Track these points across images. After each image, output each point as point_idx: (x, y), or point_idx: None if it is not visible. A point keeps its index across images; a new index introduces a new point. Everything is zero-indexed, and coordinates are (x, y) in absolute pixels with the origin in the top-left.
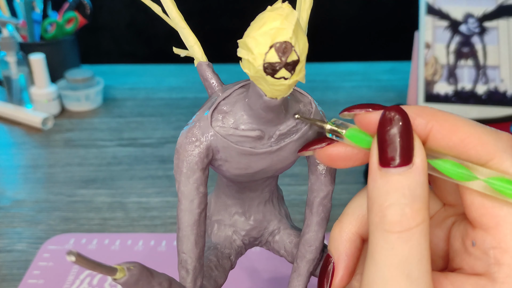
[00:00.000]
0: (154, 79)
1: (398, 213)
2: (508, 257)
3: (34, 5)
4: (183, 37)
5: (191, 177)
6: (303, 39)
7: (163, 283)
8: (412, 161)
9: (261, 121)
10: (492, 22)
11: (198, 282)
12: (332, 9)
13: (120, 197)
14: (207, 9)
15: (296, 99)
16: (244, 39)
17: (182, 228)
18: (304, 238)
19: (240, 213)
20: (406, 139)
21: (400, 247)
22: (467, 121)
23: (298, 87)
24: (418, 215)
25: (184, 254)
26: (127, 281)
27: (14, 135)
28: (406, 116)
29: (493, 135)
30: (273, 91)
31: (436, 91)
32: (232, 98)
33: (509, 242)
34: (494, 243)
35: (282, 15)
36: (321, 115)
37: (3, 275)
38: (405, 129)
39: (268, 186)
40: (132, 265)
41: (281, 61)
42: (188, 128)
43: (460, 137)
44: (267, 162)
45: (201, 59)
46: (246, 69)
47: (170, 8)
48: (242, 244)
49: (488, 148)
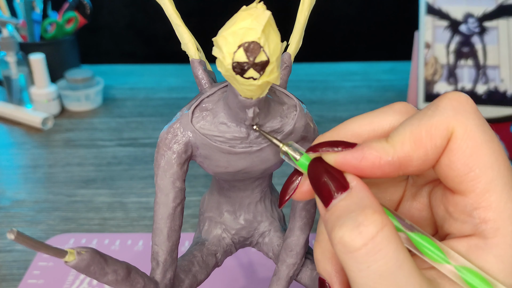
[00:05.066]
0: (154, 79)
1: (352, 226)
2: (492, 213)
3: (34, 5)
4: (178, 34)
5: (168, 171)
6: (274, 40)
7: (118, 271)
8: (349, 186)
9: (240, 120)
10: (492, 22)
11: (168, 275)
12: (332, 9)
13: (120, 197)
14: (207, 8)
15: (280, 101)
16: (216, 38)
17: (156, 220)
18: (286, 242)
19: (230, 212)
20: (332, 175)
21: (374, 261)
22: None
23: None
24: (374, 219)
25: (156, 246)
26: (77, 265)
27: (14, 135)
28: (320, 161)
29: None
30: (245, 91)
31: (436, 91)
32: (215, 96)
33: (488, 199)
34: (475, 204)
35: (253, 15)
36: (306, 119)
37: (3, 275)
38: (327, 168)
39: (258, 187)
40: (84, 249)
41: (249, 61)
42: (170, 124)
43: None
44: (247, 162)
45: (194, 57)
46: (218, 67)
47: (166, 5)
48: (232, 243)
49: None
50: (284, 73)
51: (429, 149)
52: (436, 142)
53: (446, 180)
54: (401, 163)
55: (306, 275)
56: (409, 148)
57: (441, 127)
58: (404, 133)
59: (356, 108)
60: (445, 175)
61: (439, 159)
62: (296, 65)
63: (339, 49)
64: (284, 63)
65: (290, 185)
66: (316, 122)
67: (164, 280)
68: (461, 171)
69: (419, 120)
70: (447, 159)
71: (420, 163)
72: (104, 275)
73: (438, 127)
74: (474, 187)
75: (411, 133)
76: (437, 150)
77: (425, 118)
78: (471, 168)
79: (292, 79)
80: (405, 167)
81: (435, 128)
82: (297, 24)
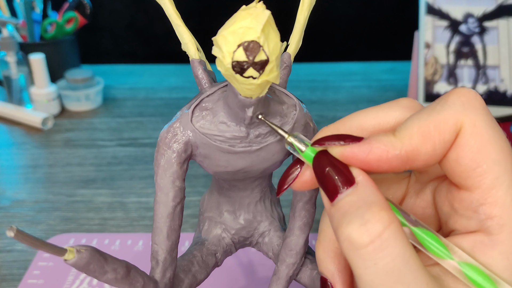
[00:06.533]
0: (154, 79)
1: (360, 223)
2: (498, 209)
3: (34, 5)
4: (178, 34)
5: (168, 170)
6: (274, 39)
7: (118, 269)
8: (355, 181)
9: (240, 120)
10: (492, 22)
11: (168, 274)
12: (332, 9)
13: (120, 197)
14: (203, 10)
15: (279, 101)
16: (216, 37)
17: (156, 219)
18: (285, 242)
19: (230, 211)
20: (339, 168)
21: (381, 258)
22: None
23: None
24: (381, 217)
25: (155, 245)
26: (76, 263)
27: (14, 135)
28: (326, 154)
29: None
30: (245, 90)
31: (436, 91)
32: (215, 95)
33: (494, 195)
34: (482, 200)
35: (252, 15)
36: (305, 119)
37: (3, 275)
38: (333, 162)
39: (258, 187)
40: (83, 248)
41: (248, 60)
42: (170, 123)
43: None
44: (247, 161)
45: (194, 56)
46: (218, 67)
47: (166, 5)
48: (231, 243)
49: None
50: (283, 73)
51: (437, 143)
52: (444, 137)
53: (452, 175)
54: (409, 157)
55: (306, 275)
56: (417, 142)
57: (450, 121)
58: (413, 127)
59: (356, 108)
60: (452, 170)
61: (446, 154)
62: (296, 65)
63: (339, 49)
64: (284, 63)
65: (290, 174)
66: (316, 122)
67: (163, 279)
68: (468, 166)
69: (428, 115)
70: (454, 154)
71: (428, 158)
72: (104, 274)
73: (447, 121)
74: (481, 183)
75: (419, 127)
76: (445, 144)
77: (434, 113)
78: (479, 163)
79: (292, 79)
80: (412, 162)
81: (444, 122)
82: (297, 24)
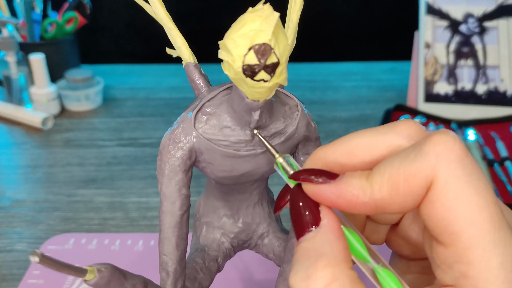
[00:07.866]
0: (154, 79)
1: (302, 277)
2: (473, 270)
3: (34, 5)
4: (171, 38)
5: (173, 178)
6: (283, 41)
7: (136, 285)
8: (319, 223)
9: (245, 123)
10: (492, 22)
11: (179, 284)
12: (332, 9)
13: (120, 197)
14: (203, 9)
15: (282, 102)
16: (224, 40)
17: (163, 230)
18: (291, 242)
19: (228, 216)
20: (310, 206)
21: None
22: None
23: (300, 87)
24: (324, 274)
25: (165, 256)
26: (97, 283)
27: (14, 135)
28: (301, 190)
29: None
30: (254, 93)
31: (436, 91)
32: (216, 99)
33: (469, 256)
34: (456, 257)
35: (262, 17)
36: (307, 118)
37: (3, 275)
38: (305, 198)
39: (257, 189)
40: (103, 266)
41: (260, 63)
42: (171, 130)
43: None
44: (252, 165)
45: (188, 60)
46: (226, 71)
47: (158, 8)
48: (231, 247)
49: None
50: None
51: (407, 196)
52: (413, 190)
53: (428, 227)
54: (378, 206)
55: None
56: (386, 193)
57: (419, 175)
58: (384, 173)
59: (356, 108)
60: (425, 223)
61: (419, 206)
62: (296, 65)
63: (339, 49)
64: None
65: (287, 194)
66: (316, 122)
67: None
68: (440, 223)
69: (400, 163)
70: (426, 209)
71: (398, 208)
72: None
73: (417, 174)
74: (454, 241)
75: (389, 177)
76: (415, 198)
77: (407, 162)
78: (450, 222)
79: (292, 79)
80: (382, 209)
81: (413, 176)
82: (290, 24)
